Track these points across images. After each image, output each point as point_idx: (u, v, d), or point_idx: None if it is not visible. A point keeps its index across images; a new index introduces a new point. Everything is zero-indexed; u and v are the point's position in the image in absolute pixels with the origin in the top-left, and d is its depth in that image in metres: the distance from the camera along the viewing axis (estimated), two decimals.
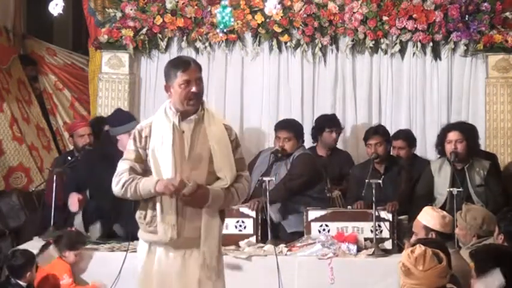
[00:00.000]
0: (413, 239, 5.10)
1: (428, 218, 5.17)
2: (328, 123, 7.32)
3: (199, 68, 4.38)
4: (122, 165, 4.37)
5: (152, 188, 4.25)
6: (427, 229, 5.15)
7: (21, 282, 5.58)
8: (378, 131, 6.91)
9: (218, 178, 4.35)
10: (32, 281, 5.64)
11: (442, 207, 6.12)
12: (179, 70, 4.30)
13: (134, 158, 4.36)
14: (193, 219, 4.31)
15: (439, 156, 6.69)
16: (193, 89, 4.29)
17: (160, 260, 4.35)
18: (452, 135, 6.42)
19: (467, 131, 6.46)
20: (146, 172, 4.35)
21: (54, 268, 5.84)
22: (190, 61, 4.38)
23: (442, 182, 6.39)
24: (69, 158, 6.90)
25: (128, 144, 4.44)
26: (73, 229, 6.20)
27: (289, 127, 6.80)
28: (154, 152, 4.32)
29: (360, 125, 7.79)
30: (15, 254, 5.67)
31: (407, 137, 7.21)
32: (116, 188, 4.36)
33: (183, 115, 4.34)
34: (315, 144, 7.38)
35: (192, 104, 4.32)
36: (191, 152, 4.32)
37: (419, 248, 3.74)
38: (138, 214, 4.41)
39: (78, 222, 6.36)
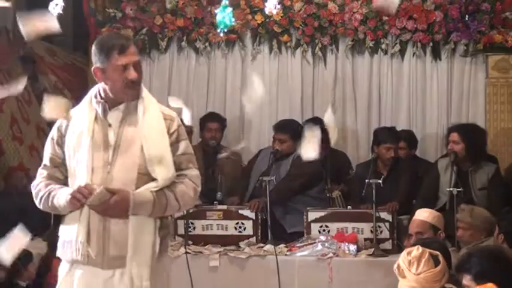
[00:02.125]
0: (413, 239, 5.11)
1: (434, 217, 5.20)
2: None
3: (137, 49, 3.68)
4: (39, 174, 3.68)
5: (64, 201, 3.51)
6: (435, 228, 5.17)
7: (20, 282, 5.59)
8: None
9: (154, 180, 3.57)
10: (31, 280, 5.65)
11: (443, 207, 6.13)
12: (114, 51, 3.51)
13: (50, 162, 3.66)
14: (119, 233, 3.52)
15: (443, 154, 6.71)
16: (130, 75, 3.55)
17: (79, 284, 3.55)
18: (452, 136, 6.43)
19: (467, 133, 6.43)
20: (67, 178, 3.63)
21: None
22: (128, 41, 3.64)
23: (447, 181, 6.37)
24: None
25: (45, 145, 3.72)
26: None
27: (285, 129, 6.77)
28: (70, 152, 3.60)
29: (359, 125, 7.80)
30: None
31: (408, 137, 7.20)
32: (36, 202, 3.67)
33: (112, 104, 3.60)
34: None
35: (131, 94, 3.61)
36: (117, 150, 3.56)
37: (417, 250, 3.73)
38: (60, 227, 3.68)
39: None
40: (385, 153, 6.69)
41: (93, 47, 3.60)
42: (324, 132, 7.25)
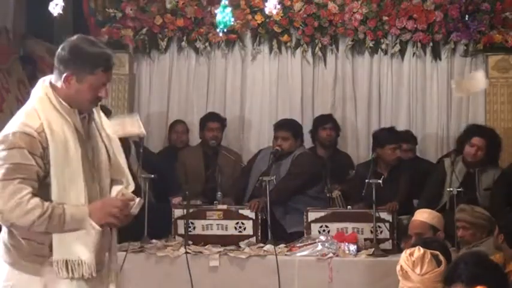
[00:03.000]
0: (413, 240, 5.11)
1: (434, 218, 5.20)
2: (321, 120, 7.32)
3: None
4: (21, 188, 3.19)
5: (87, 220, 3.28)
6: (435, 229, 5.17)
7: None
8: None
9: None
10: None
11: (443, 207, 6.13)
12: (100, 67, 3.37)
13: (35, 176, 3.24)
14: (108, 244, 3.49)
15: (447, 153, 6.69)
16: (103, 94, 3.44)
17: None
18: (477, 141, 6.33)
19: (491, 139, 6.39)
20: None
21: None
22: (112, 57, 3.46)
23: (453, 180, 6.35)
24: None
25: (17, 156, 3.21)
26: None
27: (287, 126, 6.79)
28: (57, 168, 3.28)
29: (359, 125, 7.80)
30: None
31: (409, 138, 7.20)
32: (23, 219, 3.20)
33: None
34: (313, 145, 7.38)
35: (91, 108, 3.47)
36: (96, 160, 3.46)
37: (418, 251, 3.73)
38: (25, 235, 3.29)
39: None
40: (391, 154, 6.67)
41: (71, 50, 3.39)
42: (337, 129, 7.35)
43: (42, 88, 3.40)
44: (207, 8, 7.68)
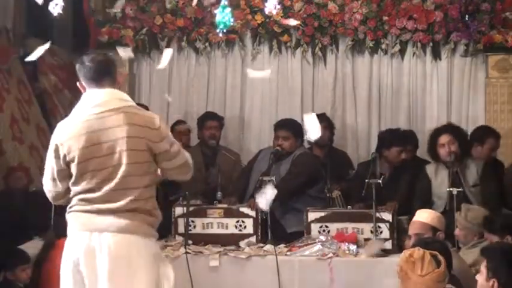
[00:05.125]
0: (413, 240, 5.11)
1: (434, 218, 5.20)
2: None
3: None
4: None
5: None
6: (435, 229, 5.17)
7: (18, 283, 5.61)
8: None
9: None
10: (28, 281, 5.66)
11: (443, 211, 6.13)
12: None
13: None
14: None
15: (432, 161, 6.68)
16: None
17: None
18: (444, 138, 6.40)
19: (457, 132, 6.44)
20: None
21: None
22: None
23: (438, 185, 6.38)
24: None
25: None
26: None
27: (288, 126, 6.79)
28: None
29: (359, 125, 7.80)
30: (10, 254, 5.70)
31: (412, 139, 7.20)
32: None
33: None
34: (310, 145, 7.37)
35: None
36: None
37: (418, 252, 3.72)
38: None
39: None
40: (396, 156, 6.70)
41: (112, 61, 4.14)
42: (331, 128, 7.33)
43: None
44: (207, 8, 7.68)
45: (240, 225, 6.29)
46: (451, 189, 6.10)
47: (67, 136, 3.96)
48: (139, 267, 3.94)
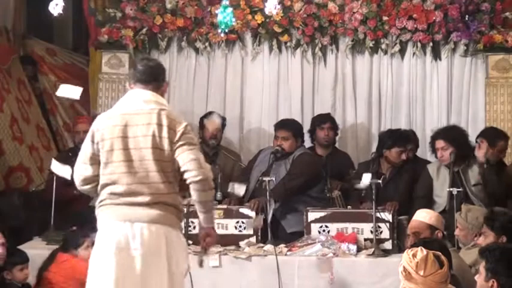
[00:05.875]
0: (411, 239, 5.12)
1: (432, 217, 5.21)
2: (319, 120, 7.31)
3: None
4: None
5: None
6: (433, 228, 5.18)
7: (16, 282, 5.61)
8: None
9: None
10: (26, 281, 5.67)
11: (444, 210, 6.14)
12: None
13: None
14: None
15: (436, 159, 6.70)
16: None
17: None
18: (438, 144, 6.44)
19: (452, 137, 6.44)
20: None
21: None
22: None
23: (440, 185, 6.40)
24: (70, 154, 6.93)
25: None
26: (74, 228, 6.17)
27: (288, 126, 6.79)
28: None
29: (359, 125, 7.80)
30: (8, 254, 5.70)
31: (413, 139, 7.20)
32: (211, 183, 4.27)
33: None
34: (312, 145, 7.38)
35: None
36: None
37: (421, 252, 3.72)
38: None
39: None
40: (397, 157, 6.70)
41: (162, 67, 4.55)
42: (335, 129, 7.33)
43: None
44: (207, 8, 7.68)
45: (240, 226, 6.29)
46: (451, 189, 6.11)
47: (104, 125, 4.30)
48: (171, 258, 4.21)
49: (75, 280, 5.48)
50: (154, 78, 4.42)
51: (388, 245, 6.10)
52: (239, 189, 6.26)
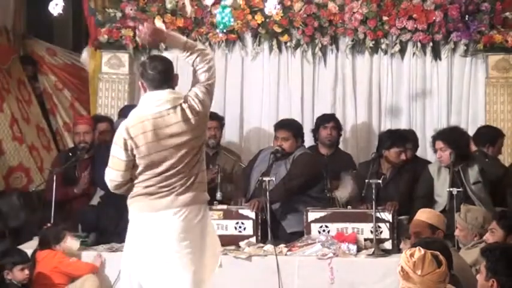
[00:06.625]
0: (412, 239, 5.11)
1: (432, 217, 5.21)
2: (323, 119, 7.31)
3: None
4: None
5: None
6: (433, 228, 5.18)
7: (15, 282, 5.62)
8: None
9: None
10: (26, 280, 5.68)
11: (444, 210, 6.14)
12: None
13: None
14: None
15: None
16: None
17: None
18: (437, 144, 6.46)
19: (451, 138, 6.45)
20: None
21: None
22: None
23: (441, 184, 6.41)
24: (70, 154, 6.95)
25: None
26: (48, 225, 6.20)
27: (288, 126, 6.79)
28: None
29: (359, 125, 7.80)
30: (9, 254, 5.72)
31: (412, 138, 7.20)
32: None
33: None
34: (315, 144, 7.37)
35: None
36: None
37: (419, 252, 3.71)
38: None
39: None
40: (396, 157, 6.70)
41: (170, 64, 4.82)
42: (339, 129, 7.33)
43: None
44: (207, 8, 7.67)
45: (240, 227, 6.29)
46: (451, 189, 6.12)
47: (136, 132, 4.45)
48: (208, 234, 4.59)
49: (59, 269, 5.87)
50: (167, 80, 4.69)
51: (388, 245, 6.10)
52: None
